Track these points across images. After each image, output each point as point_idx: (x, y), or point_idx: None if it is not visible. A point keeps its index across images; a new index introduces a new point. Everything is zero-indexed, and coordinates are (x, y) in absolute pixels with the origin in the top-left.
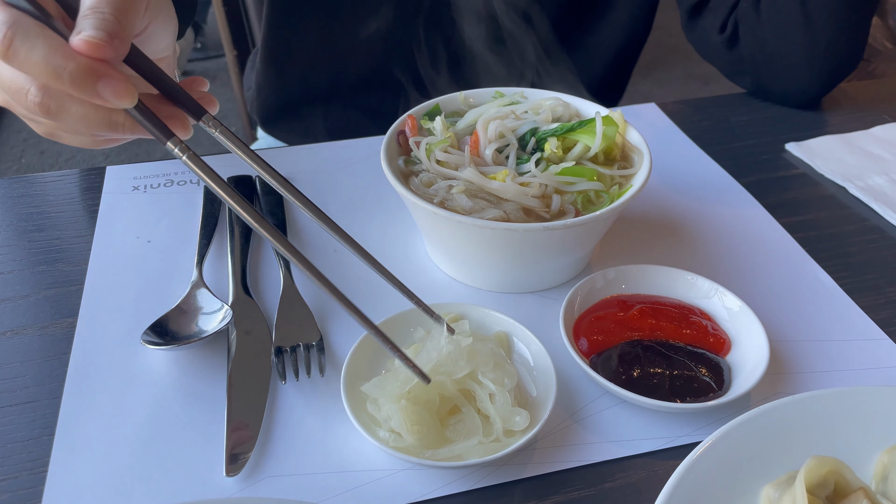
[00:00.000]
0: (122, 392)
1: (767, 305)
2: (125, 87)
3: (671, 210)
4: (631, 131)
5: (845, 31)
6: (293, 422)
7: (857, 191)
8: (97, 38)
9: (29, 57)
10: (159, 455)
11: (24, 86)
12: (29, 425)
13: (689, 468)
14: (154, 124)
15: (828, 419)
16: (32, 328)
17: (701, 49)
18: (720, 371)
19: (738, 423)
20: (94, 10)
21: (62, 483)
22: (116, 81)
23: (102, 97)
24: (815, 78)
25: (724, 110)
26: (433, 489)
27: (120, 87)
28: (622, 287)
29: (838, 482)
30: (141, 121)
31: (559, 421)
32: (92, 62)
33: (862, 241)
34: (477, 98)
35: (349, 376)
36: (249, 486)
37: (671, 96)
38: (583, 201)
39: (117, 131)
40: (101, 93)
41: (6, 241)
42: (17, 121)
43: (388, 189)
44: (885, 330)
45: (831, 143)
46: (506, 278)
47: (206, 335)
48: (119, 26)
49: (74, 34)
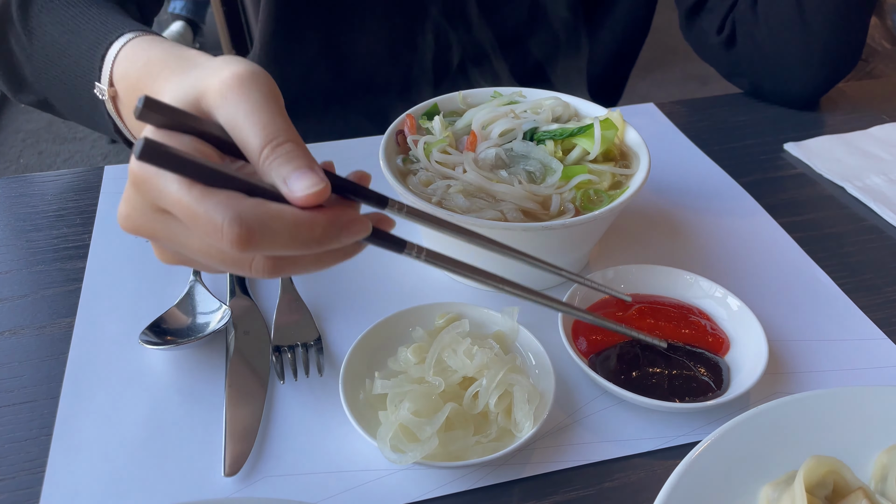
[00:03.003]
0: (120, 392)
1: (766, 305)
2: (362, 225)
3: (670, 210)
4: (629, 131)
5: (842, 33)
6: (292, 422)
7: (855, 191)
8: (315, 185)
9: (272, 244)
10: (158, 455)
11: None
12: (27, 425)
13: (688, 468)
14: (384, 240)
15: (827, 419)
16: (30, 328)
17: (699, 49)
18: (719, 371)
19: (736, 423)
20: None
21: (60, 483)
22: (356, 225)
23: (343, 243)
24: (812, 79)
25: (722, 110)
26: (432, 489)
27: (359, 228)
28: (621, 287)
29: (837, 482)
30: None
31: (558, 421)
32: (331, 217)
33: (860, 240)
34: (475, 98)
35: (348, 376)
36: (248, 486)
37: (670, 96)
38: (582, 200)
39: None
40: (344, 240)
41: (4, 240)
42: (16, 120)
43: (387, 188)
44: (884, 329)
45: (830, 143)
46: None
47: (205, 335)
48: (306, 152)
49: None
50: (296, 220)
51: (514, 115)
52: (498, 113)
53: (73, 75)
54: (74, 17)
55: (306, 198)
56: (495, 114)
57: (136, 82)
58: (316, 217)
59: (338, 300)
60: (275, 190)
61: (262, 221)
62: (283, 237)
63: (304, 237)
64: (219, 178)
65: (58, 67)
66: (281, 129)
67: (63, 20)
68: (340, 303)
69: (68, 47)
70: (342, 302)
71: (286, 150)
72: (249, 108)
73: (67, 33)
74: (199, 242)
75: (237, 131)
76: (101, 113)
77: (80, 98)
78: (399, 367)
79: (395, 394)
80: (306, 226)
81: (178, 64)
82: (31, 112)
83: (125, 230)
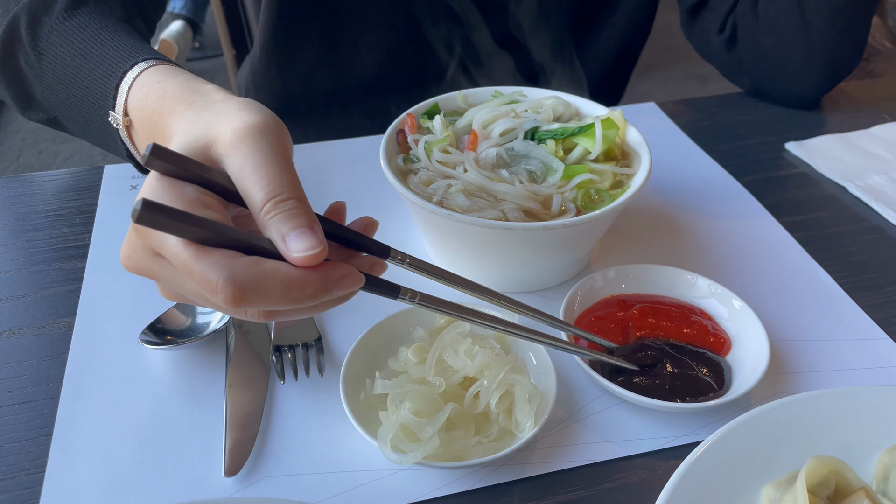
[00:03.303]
0: (120, 392)
1: (767, 305)
2: (354, 279)
3: (671, 209)
4: (631, 131)
5: (843, 33)
6: (292, 422)
7: (856, 190)
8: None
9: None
10: (158, 455)
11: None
12: (26, 425)
13: (690, 468)
14: (378, 287)
15: (828, 419)
16: (30, 328)
17: (700, 49)
18: (720, 371)
19: (738, 423)
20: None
21: (60, 483)
22: (348, 279)
23: (335, 296)
24: (813, 79)
25: (724, 110)
26: (432, 489)
27: (350, 281)
28: (622, 286)
29: (839, 482)
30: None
31: (559, 421)
32: (323, 275)
33: (862, 240)
34: (476, 97)
35: (348, 376)
36: (248, 487)
37: (671, 96)
38: (583, 200)
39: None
40: (336, 295)
41: (4, 240)
42: (15, 120)
43: (387, 187)
44: (886, 329)
45: (831, 142)
46: (505, 278)
47: (205, 335)
48: (308, 210)
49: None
50: (289, 280)
51: (515, 114)
52: (499, 112)
53: (85, 100)
54: (86, 41)
55: (303, 259)
56: (496, 113)
57: (150, 114)
58: (308, 276)
59: None
60: (272, 246)
61: (255, 282)
62: (275, 296)
63: (296, 295)
64: (216, 235)
65: (69, 90)
66: (286, 185)
67: (74, 43)
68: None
69: (80, 72)
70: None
71: (288, 206)
72: (257, 161)
73: (79, 57)
74: (196, 289)
75: (242, 182)
76: (112, 137)
77: (92, 121)
78: (400, 367)
79: (396, 394)
80: (298, 285)
81: (194, 100)
82: None
83: (126, 269)
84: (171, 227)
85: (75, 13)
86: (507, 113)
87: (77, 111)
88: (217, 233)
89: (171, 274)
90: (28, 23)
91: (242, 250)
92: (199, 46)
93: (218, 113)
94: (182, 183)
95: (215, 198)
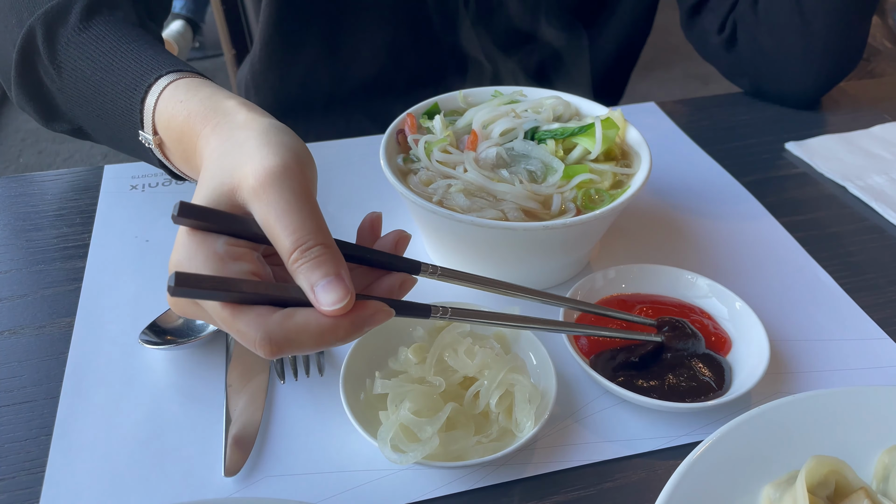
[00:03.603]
0: (120, 392)
1: (767, 305)
2: (384, 315)
3: (671, 209)
4: (631, 131)
5: (843, 32)
6: (292, 422)
7: (857, 190)
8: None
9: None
10: (157, 455)
11: None
12: (26, 425)
13: (690, 468)
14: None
15: (828, 419)
16: (30, 328)
17: (700, 49)
18: (720, 370)
19: (738, 423)
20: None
21: (60, 483)
22: (378, 317)
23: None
24: (812, 79)
25: (724, 110)
26: (432, 489)
27: (380, 318)
28: (622, 286)
29: (839, 482)
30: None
31: (559, 420)
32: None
33: (862, 240)
34: (476, 97)
35: (348, 376)
36: (248, 487)
37: (671, 96)
38: (583, 200)
39: None
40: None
41: (4, 240)
42: (16, 120)
43: (388, 187)
44: (886, 329)
45: (831, 142)
46: (505, 278)
47: (205, 335)
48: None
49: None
50: (320, 329)
51: (515, 114)
52: (499, 112)
53: (112, 112)
54: (105, 54)
55: (332, 312)
56: (496, 113)
57: (180, 136)
58: (339, 322)
59: None
60: (303, 294)
61: (288, 337)
62: (308, 345)
63: (328, 341)
64: (249, 295)
65: (92, 104)
66: (311, 232)
67: (93, 56)
68: None
69: (102, 85)
70: None
71: (314, 254)
72: (281, 209)
73: (100, 71)
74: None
75: (269, 230)
76: (144, 150)
77: (121, 132)
78: (400, 367)
79: (396, 394)
80: (330, 332)
81: (218, 121)
82: None
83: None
84: (204, 295)
85: (91, 24)
86: (507, 113)
87: (103, 123)
88: (249, 293)
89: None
90: (44, 36)
91: (276, 303)
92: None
93: (241, 153)
94: (212, 237)
95: (246, 245)
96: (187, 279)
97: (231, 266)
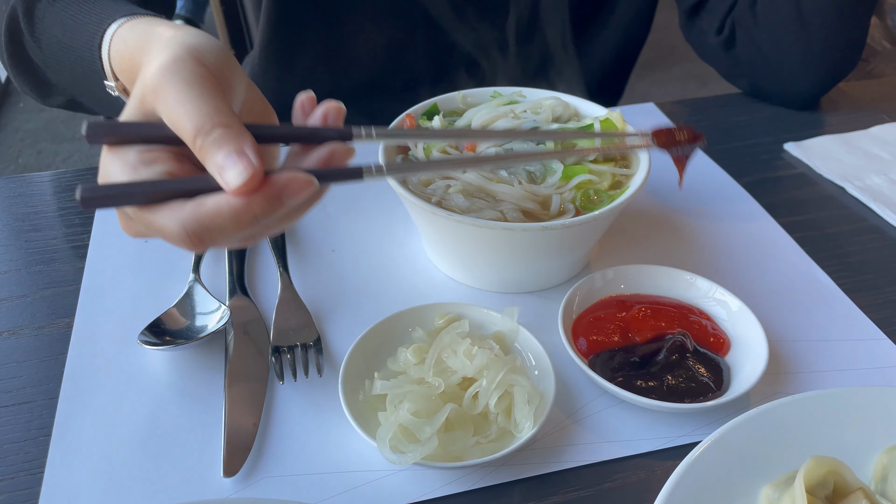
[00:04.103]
0: (119, 392)
1: (766, 305)
2: (300, 184)
3: (670, 210)
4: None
5: (841, 33)
6: (291, 422)
7: (855, 191)
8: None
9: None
10: (157, 456)
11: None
12: (25, 426)
13: (688, 468)
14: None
15: (827, 419)
16: (29, 328)
17: (699, 50)
18: (719, 371)
19: (737, 424)
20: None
21: (59, 484)
22: (293, 186)
23: (291, 204)
24: (811, 80)
25: (722, 110)
26: (432, 489)
27: (295, 187)
28: (621, 287)
29: (837, 482)
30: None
31: (558, 421)
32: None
33: (860, 240)
34: (475, 97)
35: (347, 376)
36: (247, 487)
37: (670, 96)
38: (582, 200)
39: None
40: (291, 204)
41: (3, 241)
42: (14, 120)
43: (387, 188)
44: (884, 330)
45: (830, 142)
46: (504, 278)
47: (204, 335)
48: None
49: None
50: (232, 210)
51: (514, 115)
52: (498, 113)
53: (81, 71)
54: (73, 16)
55: (238, 190)
56: (495, 114)
57: (130, 75)
58: (252, 200)
59: (337, 300)
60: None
61: (203, 225)
62: (228, 227)
63: (248, 219)
64: (157, 192)
65: (68, 67)
66: (208, 115)
67: (63, 20)
68: (340, 303)
69: (72, 44)
70: (342, 302)
71: (214, 137)
72: (176, 100)
73: (69, 31)
74: None
75: (173, 125)
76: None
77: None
78: (399, 368)
79: (395, 394)
80: (245, 210)
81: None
82: (30, 111)
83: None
84: (113, 201)
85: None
86: (505, 114)
87: (84, 86)
88: (156, 190)
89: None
90: (24, 12)
91: (191, 194)
92: None
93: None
94: (124, 149)
95: (161, 149)
96: (91, 190)
97: (144, 171)
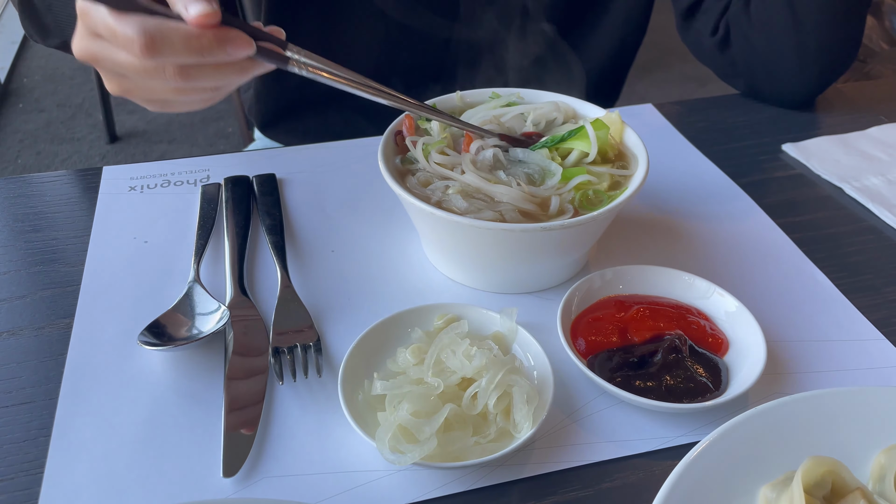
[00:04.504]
0: (118, 393)
1: (765, 306)
2: (243, 41)
3: (668, 211)
4: (628, 132)
5: (835, 31)
6: (290, 423)
7: (853, 191)
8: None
9: (171, 51)
10: (156, 456)
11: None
12: (25, 426)
13: (687, 468)
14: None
15: (825, 419)
16: (29, 329)
17: (695, 51)
18: (718, 371)
19: (735, 424)
20: None
21: (59, 484)
22: (238, 41)
23: (232, 56)
24: (806, 80)
25: (720, 111)
26: (431, 490)
27: (239, 43)
28: (619, 287)
29: (836, 482)
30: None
31: (557, 421)
32: (216, 33)
33: (858, 241)
34: (473, 98)
35: (347, 377)
36: (247, 487)
37: (667, 97)
38: (581, 201)
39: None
40: (231, 53)
41: (3, 241)
42: (14, 121)
43: (386, 188)
44: (882, 330)
45: (828, 143)
46: (503, 279)
47: (203, 336)
48: None
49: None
50: (187, 32)
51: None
52: (496, 114)
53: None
54: None
55: (197, 18)
56: (494, 115)
57: None
58: (204, 31)
59: (337, 301)
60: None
61: (161, 32)
62: (178, 45)
63: (195, 46)
64: (135, 6)
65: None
66: None
67: None
68: (339, 304)
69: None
70: (341, 303)
71: None
72: None
73: None
74: (125, 58)
75: None
76: None
77: None
78: (398, 368)
79: (394, 395)
80: (195, 36)
81: None
82: (30, 112)
83: (78, 57)
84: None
85: None
86: (503, 115)
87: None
88: (136, 4)
89: (105, 49)
90: None
91: None
92: None
93: None
94: None
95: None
96: None
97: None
